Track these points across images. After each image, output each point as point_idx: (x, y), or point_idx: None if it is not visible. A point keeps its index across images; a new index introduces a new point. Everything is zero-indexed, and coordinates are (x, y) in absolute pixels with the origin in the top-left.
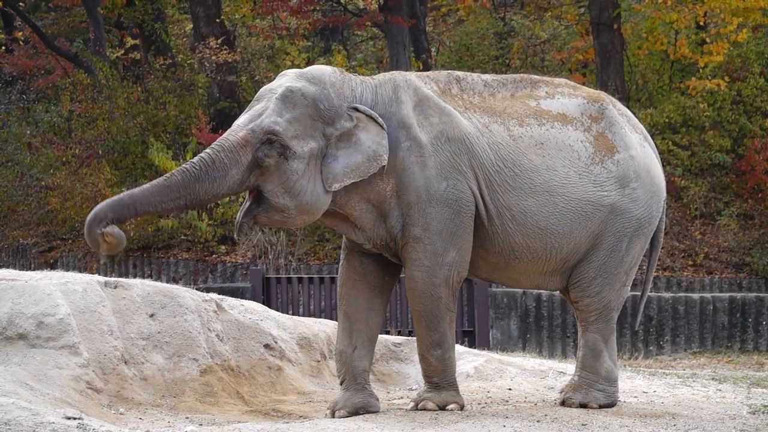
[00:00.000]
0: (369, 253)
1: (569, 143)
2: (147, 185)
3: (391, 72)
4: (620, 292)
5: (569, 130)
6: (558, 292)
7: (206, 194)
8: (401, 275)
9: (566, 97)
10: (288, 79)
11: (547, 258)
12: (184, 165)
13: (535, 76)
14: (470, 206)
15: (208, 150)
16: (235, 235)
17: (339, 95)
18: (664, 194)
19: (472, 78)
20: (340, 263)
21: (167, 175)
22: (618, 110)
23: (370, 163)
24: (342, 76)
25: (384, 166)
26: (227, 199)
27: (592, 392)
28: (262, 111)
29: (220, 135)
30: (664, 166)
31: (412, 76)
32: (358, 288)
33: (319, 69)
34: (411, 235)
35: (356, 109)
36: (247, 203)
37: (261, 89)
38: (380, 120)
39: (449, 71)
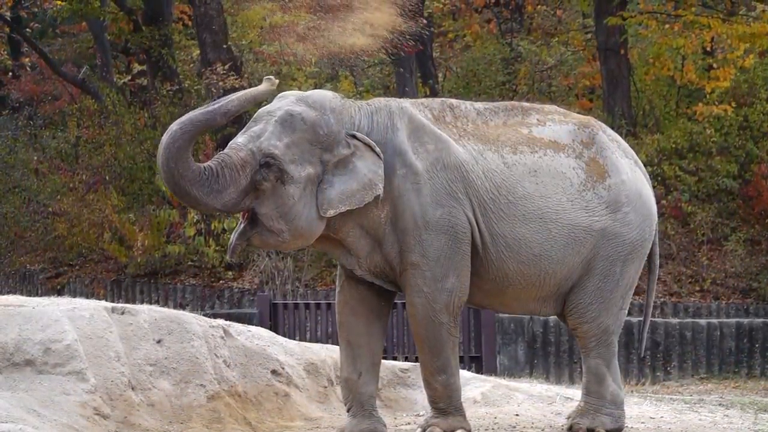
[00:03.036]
0: (363, 279)
1: (561, 170)
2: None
3: (385, 98)
4: (618, 315)
5: (561, 156)
6: (557, 317)
7: (200, 200)
8: (396, 300)
9: (557, 123)
10: (288, 102)
11: (540, 284)
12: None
13: (526, 104)
14: (466, 233)
15: (213, 162)
16: (227, 257)
17: (338, 121)
18: (656, 217)
19: (465, 106)
20: (336, 291)
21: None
22: (608, 135)
23: (366, 192)
24: (342, 102)
25: (379, 195)
26: (234, 225)
27: (600, 417)
28: (261, 133)
29: None
30: (671, 192)
31: (407, 103)
32: (356, 314)
33: (320, 94)
34: (409, 261)
35: (354, 137)
36: (242, 225)
37: (259, 110)
38: (377, 149)
39: (443, 99)
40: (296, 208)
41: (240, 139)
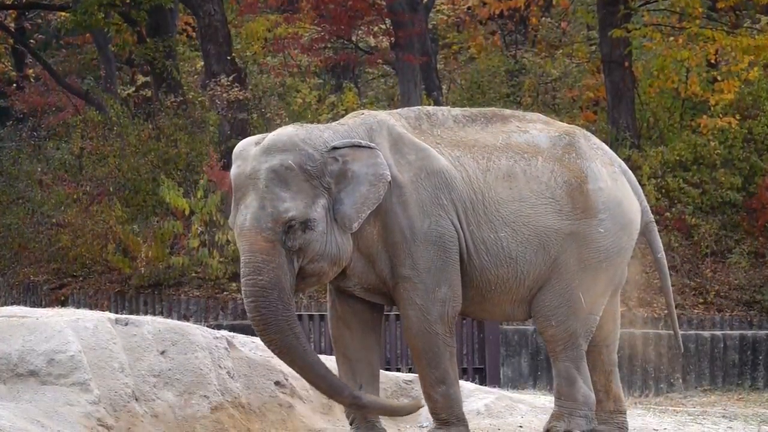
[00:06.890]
0: (354, 293)
1: (537, 174)
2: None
3: (360, 114)
4: (587, 320)
5: (538, 161)
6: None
7: (290, 301)
8: (386, 311)
9: (537, 130)
10: (260, 158)
11: (516, 287)
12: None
13: (507, 111)
14: (454, 241)
15: (251, 279)
16: None
17: (314, 148)
18: (638, 226)
19: (442, 113)
20: (328, 306)
21: (298, 346)
22: (591, 143)
23: (377, 187)
24: (305, 128)
25: (390, 181)
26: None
27: (575, 419)
28: (261, 204)
29: (230, 172)
30: (675, 204)
31: (384, 115)
32: (350, 328)
33: (285, 134)
34: (400, 275)
35: (335, 148)
36: None
37: (234, 176)
38: (364, 142)
39: (419, 107)
40: (328, 240)
41: (246, 223)
